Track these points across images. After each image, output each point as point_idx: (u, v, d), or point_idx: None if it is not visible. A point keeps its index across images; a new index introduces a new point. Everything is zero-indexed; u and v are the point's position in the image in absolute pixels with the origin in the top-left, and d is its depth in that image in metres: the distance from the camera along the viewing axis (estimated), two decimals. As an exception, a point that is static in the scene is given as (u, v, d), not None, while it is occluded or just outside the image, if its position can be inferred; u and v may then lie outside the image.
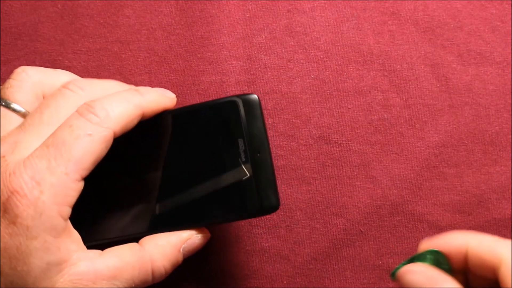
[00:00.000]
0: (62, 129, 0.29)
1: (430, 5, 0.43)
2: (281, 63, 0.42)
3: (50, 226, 0.28)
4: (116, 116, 0.30)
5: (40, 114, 0.30)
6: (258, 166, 0.32)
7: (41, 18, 0.43)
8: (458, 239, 0.31)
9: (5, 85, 0.32)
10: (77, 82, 0.31)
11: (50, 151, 0.28)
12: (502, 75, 0.42)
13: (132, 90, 0.32)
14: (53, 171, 0.28)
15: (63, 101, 0.30)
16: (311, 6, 0.43)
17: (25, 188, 0.27)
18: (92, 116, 0.29)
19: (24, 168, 0.28)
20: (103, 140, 0.29)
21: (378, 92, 0.42)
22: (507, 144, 0.41)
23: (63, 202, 0.28)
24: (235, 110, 0.32)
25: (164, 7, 0.44)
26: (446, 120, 0.41)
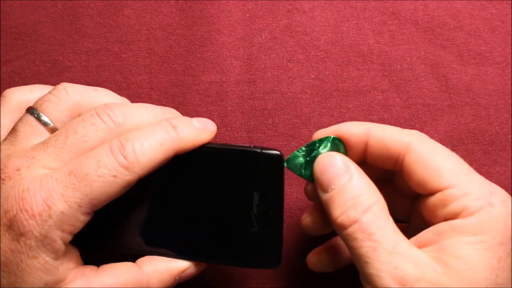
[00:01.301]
0: (89, 161, 0.28)
1: (430, 5, 0.43)
2: (281, 63, 0.42)
3: (51, 249, 0.28)
4: (146, 162, 0.29)
5: (65, 138, 0.29)
6: (267, 223, 0.32)
7: (41, 18, 0.43)
8: (359, 126, 0.31)
9: (43, 98, 0.31)
10: (110, 111, 0.30)
11: (70, 179, 0.28)
12: (502, 75, 0.42)
13: (168, 126, 0.30)
14: (67, 200, 0.27)
15: (91, 132, 0.29)
16: (311, 6, 0.43)
17: (35, 209, 0.27)
18: (121, 158, 0.28)
19: (39, 187, 0.27)
20: (126, 184, 0.28)
21: (378, 92, 0.42)
22: (507, 144, 0.41)
23: (68, 230, 0.28)
24: (256, 162, 0.31)
25: (164, 7, 0.44)
26: (446, 120, 0.41)
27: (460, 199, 0.28)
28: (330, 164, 0.30)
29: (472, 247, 0.27)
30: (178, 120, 0.31)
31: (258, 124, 0.41)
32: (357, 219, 0.28)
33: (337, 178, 0.29)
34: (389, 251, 0.27)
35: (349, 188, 0.29)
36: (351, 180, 0.29)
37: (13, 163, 0.28)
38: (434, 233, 0.28)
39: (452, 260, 0.27)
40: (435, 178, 0.29)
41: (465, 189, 0.28)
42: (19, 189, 0.27)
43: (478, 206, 0.27)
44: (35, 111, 0.31)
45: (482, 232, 0.27)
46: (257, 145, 0.41)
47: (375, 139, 0.31)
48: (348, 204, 0.28)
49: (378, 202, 0.28)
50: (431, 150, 0.30)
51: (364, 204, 0.28)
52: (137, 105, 0.32)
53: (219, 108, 0.42)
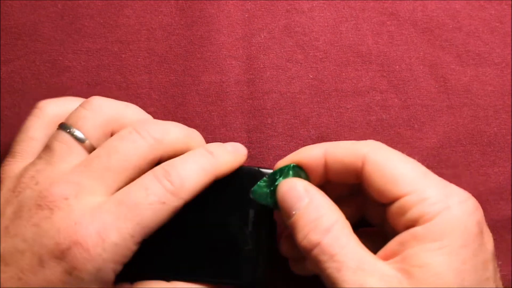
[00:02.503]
0: (137, 189, 0.28)
1: (429, 5, 0.43)
2: (280, 63, 0.42)
3: (102, 281, 0.28)
4: (191, 186, 0.29)
5: (108, 158, 0.29)
6: (260, 240, 0.32)
7: (41, 18, 0.44)
8: (315, 149, 0.32)
9: (77, 114, 0.31)
10: (147, 127, 0.30)
11: (121, 209, 0.28)
12: (501, 76, 0.42)
13: (207, 154, 0.31)
14: (121, 231, 0.27)
15: (133, 148, 0.29)
16: (310, 6, 0.43)
17: (89, 242, 0.27)
18: (168, 184, 0.29)
19: (91, 220, 0.27)
20: (174, 210, 0.29)
21: (376, 92, 0.42)
22: (505, 145, 0.41)
23: (120, 261, 0.28)
24: (252, 181, 0.32)
25: (164, 7, 0.44)
26: (444, 121, 0.41)
27: (417, 205, 0.28)
28: (289, 190, 0.30)
29: (434, 253, 0.27)
30: (213, 146, 0.32)
31: (257, 124, 0.41)
32: (319, 241, 0.28)
33: (297, 202, 0.29)
34: (353, 269, 0.27)
35: (309, 211, 0.29)
36: (311, 202, 0.29)
37: (58, 190, 0.28)
38: (397, 244, 0.28)
39: (416, 270, 0.26)
40: (391, 186, 0.29)
41: (421, 195, 0.28)
42: (70, 221, 0.27)
43: (435, 211, 0.27)
44: (70, 128, 0.30)
45: (442, 237, 0.27)
46: (257, 145, 0.41)
47: (331, 158, 0.31)
48: (309, 227, 0.28)
49: (338, 221, 0.28)
50: (386, 158, 0.30)
51: (324, 225, 0.28)
52: (170, 122, 0.32)
53: (218, 108, 0.42)
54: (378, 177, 0.29)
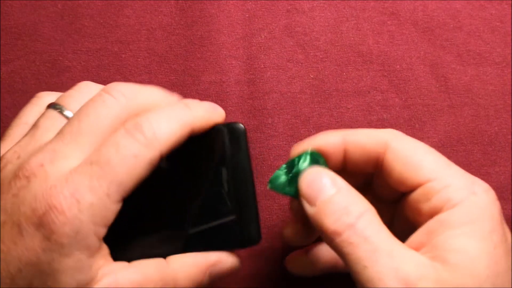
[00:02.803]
0: (108, 146, 0.27)
1: (430, 5, 0.43)
2: (281, 63, 0.42)
3: (84, 245, 0.27)
4: (165, 137, 0.28)
5: (78, 122, 0.28)
6: (240, 199, 0.31)
7: (41, 18, 0.43)
8: (333, 135, 0.31)
9: (64, 94, 0.31)
10: (119, 87, 0.30)
11: (93, 169, 0.27)
12: (502, 75, 0.42)
13: (181, 105, 0.30)
14: (95, 190, 0.27)
15: (104, 110, 0.29)
16: (310, 6, 0.43)
17: (64, 205, 0.26)
18: (140, 136, 0.27)
19: (65, 183, 0.27)
20: (149, 162, 0.28)
21: (377, 92, 0.42)
22: (506, 145, 0.41)
23: (101, 222, 0.27)
24: (220, 138, 0.31)
25: (164, 7, 0.44)
26: (445, 121, 0.41)
27: (442, 191, 0.28)
28: (316, 179, 0.30)
29: (466, 237, 0.26)
30: (189, 100, 0.31)
31: (257, 124, 0.41)
32: (352, 224, 0.27)
33: (324, 191, 0.29)
34: (387, 253, 0.26)
35: (338, 199, 0.28)
36: (339, 192, 0.29)
37: (34, 159, 0.28)
38: (424, 234, 0.28)
39: (450, 255, 0.26)
40: (414, 173, 0.29)
41: (446, 181, 0.28)
42: (46, 186, 0.27)
43: (461, 196, 0.27)
44: (57, 105, 0.30)
45: (471, 221, 0.27)
46: (257, 145, 0.41)
47: (353, 144, 0.31)
48: (341, 212, 0.28)
49: (369, 210, 0.28)
50: (410, 146, 0.30)
51: (356, 211, 0.28)
52: (144, 86, 0.31)
53: (218, 108, 0.42)
54: (400, 164, 0.29)
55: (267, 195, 0.40)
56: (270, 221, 0.40)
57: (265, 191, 0.40)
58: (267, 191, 0.40)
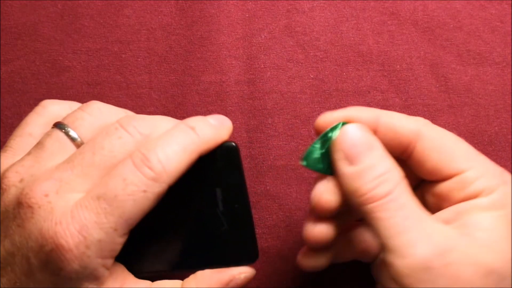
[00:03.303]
0: (115, 181, 0.27)
1: (430, 5, 0.43)
2: (281, 63, 0.42)
3: (93, 277, 0.27)
4: (173, 170, 0.27)
5: (92, 154, 0.28)
6: (236, 218, 0.31)
7: (41, 18, 0.43)
8: (367, 111, 0.31)
9: (75, 115, 0.30)
10: (134, 123, 0.29)
11: (100, 204, 0.26)
12: (502, 75, 0.42)
13: (187, 128, 0.29)
14: (102, 227, 0.26)
15: (118, 146, 0.28)
16: (310, 6, 0.43)
17: (71, 243, 0.26)
18: (148, 171, 0.27)
19: (71, 219, 0.26)
20: (157, 196, 0.27)
21: (377, 92, 0.42)
22: (506, 145, 0.41)
23: (108, 255, 0.27)
24: (213, 158, 0.30)
25: (164, 7, 0.44)
26: (445, 121, 0.41)
27: (479, 180, 0.29)
28: (358, 136, 0.29)
29: (497, 219, 0.28)
30: (194, 120, 0.30)
31: (257, 124, 0.41)
32: (390, 191, 0.27)
33: (367, 151, 0.29)
34: (420, 218, 0.27)
35: (379, 163, 0.28)
36: (380, 156, 0.29)
37: (39, 187, 0.27)
38: (454, 212, 0.29)
39: (479, 233, 0.27)
40: (449, 163, 0.29)
41: (481, 170, 0.29)
42: (52, 222, 0.26)
43: (496, 184, 0.29)
44: (65, 127, 0.29)
45: (504, 206, 0.28)
46: (257, 145, 0.41)
47: (386, 126, 0.30)
48: (381, 178, 0.28)
49: (404, 179, 0.29)
50: (441, 135, 0.30)
51: (394, 179, 0.28)
52: (158, 117, 0.31)
53: (218, 108, 0.42)
54: (434, 153, 0.30)
55: (267, 195, 0.40)
56: (270, 220, 0.40)
57: (264, 190, 0.40)
58: (267, 191, 0.40)
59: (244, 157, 0.41)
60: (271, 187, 0.40)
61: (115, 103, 0.42)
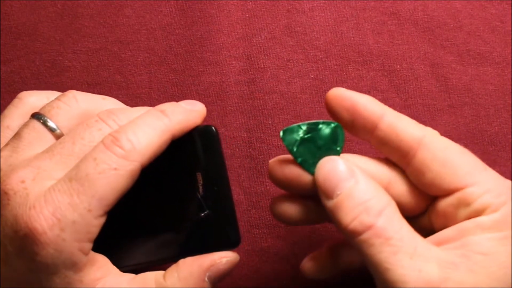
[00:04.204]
0: (87, 162, 0.27)
1: (430, 5, 0.43)
2: (281, 63, 0.42)
3: (70, 263, 0.27)
4: (143, 147, 0.27)
5: (72, 144, 0.28)
6: (216, 201, 0.30)
7: (41, 18, 0.43)
8: (378, 106, 0.30)
9: (51, 104, 0.30)
10: (115, 116, 0.29)
11: (73, 185, 0.26)
12: (502, 75, 0.42)
13: (157, 112, 0.29)
14: (76, 207, 0.26)
15: (98, 136, 0.28)
16: (310, 6, 0.43)
17: (45, 226, 0.26)
18: (118, 149, 0.27)
19: (44, 202, 0.26)
20: (129, 174, 0.27)
21: (377, 92, 0.42)
22: (506, 144, 0.41)
23: (85, 238, 0.27)
24: (192, 142, 0.30)
25: (164, 7, 0.44)
26: (445, 120, 0.41)
27: (483, 196, 0.27)
28: (333, 169, 0.28)
29: (499, 242, 0.26)
30: (165, 105, 0.30)
31: (257, 123, 0.41)
32: (372, 224, 0.26)
33: (342, 182, 0.27)
34: (410, 254, 0.26)
35: (357, 192, 0.27)
36: (358, 183, 0.27)
37: (16, 174, 0.27)
38: (456, 231, 0.27)
39: (478, 258, 0.26)
40: (452, 176, 0.28)
41: (486, 186, 0.27)
42: (26, 207, 0.26)
43: (501, 202, 0.27)
44: (42, 117, 0.30)
45: (508, 227, 0.26)
46: (257, 145, 0.41)
47: (389, 126, 0.29)
48: (359, 208, 0.27)
49: (390, 204, 0.27)
50: (446, 146, 0.28)
51: (376, 207, 0.26)
52: (139, 108, 0.31)
53: (218, 108, 0.42)
54: (437, 165, 0.28)
55: (267, 195, 0.40)
56: (270, 220, 0.40)
57: (264, 191, 0.40)
58: (267, 191, 0.40)
59: (244, 157, 0.41)
60: (271, 187, 0.40)
61: (115, 103, 0.42)
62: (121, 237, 0.31)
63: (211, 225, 0.30)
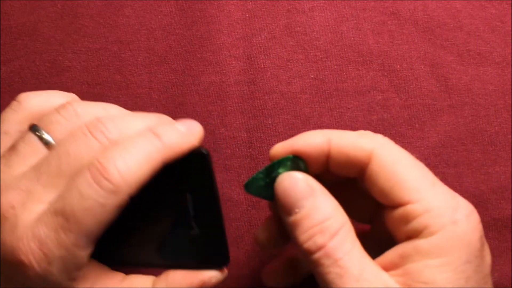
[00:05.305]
0: (72, 195, 0.26)
1: (430, 5, 0.43)
2: (281, 63, 0.42)
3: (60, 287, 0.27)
4: (133, 179, 0.26)
5: (58, 162, 0.27)
6: (206, 222, 0.30)
7: (41, 18, 0.43)
8: (317, 136, 0.30)
9: (50, 118, 0.29)
10: (103, 127, 0.28)
11: (58, 220, 0.26)
12: (502, 75, 0.42)
13: (150, 135, 0.28)
14: (62, 243, 0.26)
15: (85, 152, 0.27)
16: (310, 6, 0.43)
17: (32, 260, 0.26)
18: (106, 183, 0.26)
19: (32, 236, 0.26)
20: (118, 207, 0.26)
21: (377, 92, 0.42)
22: (506, 144, 0.41)
23: (73, 269, 0.27)
24: (183, 163, 0.29)
25: (164, 7, 0.44)
26: (445, 120, 0.41)
27: (422, 216, 0.27)
28: (292, 186, 0.28)
29: (439, 270, 0.26)
30: (161, 127, 0.28)
31: (257, 124, 0.41)
32: (324, 244, 0.26)
33: (300, 200, 0.28)
34: (356, 277, 0.26)
35: (314, 212, 0.27)
36: (315, 201, 0.28)
37: (6, 198, 0.27)
38: (398, 256, 0.27)
39: (420, 286, 0.26)
40: (397, 191, 0.27)
41: (428, 205, 0.27)
42: (14, 237, 0.26)
43: (441, 224, 0.26)
44: (39, 130, 0.28)
45: (447, 253, 0.26)
46: (257, 145, 0.41)
47: (336, 149, 0.29)
48: (315, 229, 0.27)
49: (345, 225, 0.27)
50: (394, 159, 0.28)
51: (331, 228, 0.27)
52: (132, 115, 0.29)
53: (218, 108, 0.42)
54: (384, 179, 0.28)
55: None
56: (270, 221, 0.40)
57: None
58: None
59: (244, 157, 0.41)
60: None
61: (115, 103, 0.41)
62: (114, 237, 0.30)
63: (201, 243, 0.30)
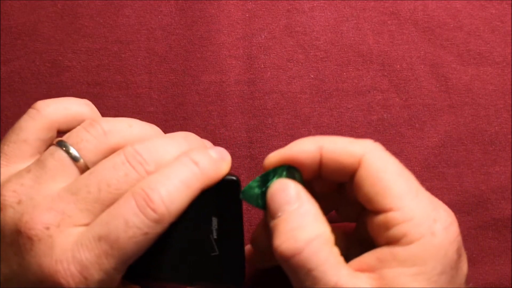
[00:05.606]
0: (117, 223, 0.26)
1: (430, 5, 0.43)
2: (281, 63, 0.42)
3: None
4: (175, 209, 0.27)
5: (98, 191, 0.27)
6: (227, 246, 0.31)
7: (41, 18, 0.43)
8: (309, 144, 0.30)
9: (79, 135, 0.29)
10: (141, 158, 0.28)
11: (102, 246, 0.26)
12: (502, 75, 0.42)
13: (190, 163, 0.29)
14: (102, 267, 0.26)
15: (124, 183, 0.27)
16: (310, 6, 0.43)
17: (71, 283, 0.26)
18: (151, 213, 0.26)
19: (72, 259, 0.26)
20: (158, 236, 0.27)
21: (377, 92, 0.42)
22: (506, 144, 0.41)
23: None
24: (214, 188, 0.30)
25: (164, 7, 0.44)
26: (445, 120, 0.41)
27: (402, 224, 0.27)
28: (281, 191, 0.29)
29: (413, 278, 0.26)
30: (196, 154, 0.29)
31: (257, 124, 0.41)
32: (298, 252, 0.27)
33: (286, 205, 0.28)
34: (333, 284, 0.26)
35: (295, 217, 0.28)
36: (299, 208, 0.28)
37: (40, 218, 0.26)
38: (376, 259, 0.27)
39: None
40: (381, 197, 0.28)
41: (408, 214, 0.27)
42: (52, 259, 0.26)
43: (419, 234, 0.27)
44: (69, 148, 0.28)
45: (423, 262, 0.26)
46: (257, 145, 0.41)
47: (328, 156, 0.30)
48: (292, 233, 0.27)
49: (322, 235, 0.27)
50: (382, 166, 0.29)
51: (307, 235, 0.27)
52: (163, 140, 0.30)
53: (218, 108, 0.42)
54: (369, 185, 0.28)
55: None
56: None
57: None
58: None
59: (244, 157, 0.41)
60: (271, 187, 0.40)
61: (115, 103, 0.42)
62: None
63: (220, 265, 0.31)
